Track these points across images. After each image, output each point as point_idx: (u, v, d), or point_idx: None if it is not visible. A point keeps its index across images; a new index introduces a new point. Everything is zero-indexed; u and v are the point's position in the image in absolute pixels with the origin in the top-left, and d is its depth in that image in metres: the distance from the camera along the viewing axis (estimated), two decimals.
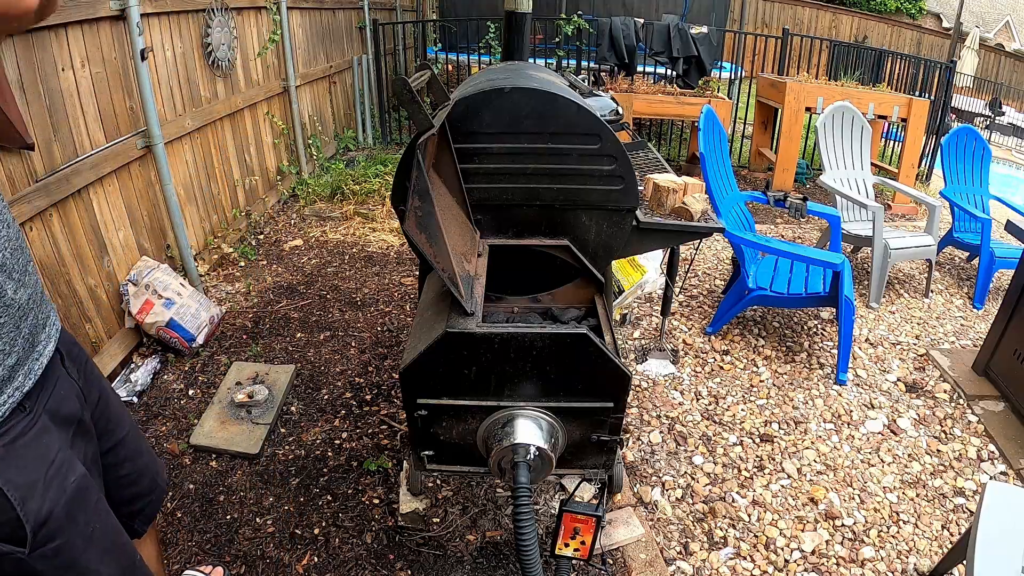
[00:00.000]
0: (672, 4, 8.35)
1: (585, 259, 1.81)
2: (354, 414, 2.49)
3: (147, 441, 1.33)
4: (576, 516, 1.46)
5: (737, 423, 2.55)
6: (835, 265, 2.78)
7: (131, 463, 1.21)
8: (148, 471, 1.27)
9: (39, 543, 0.89)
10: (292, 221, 4.41)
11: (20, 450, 0.88)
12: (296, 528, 1.98)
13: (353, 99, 6.29)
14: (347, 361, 2.82)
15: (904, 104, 5.20)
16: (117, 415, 1.19)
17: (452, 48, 7.23)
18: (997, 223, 3.72)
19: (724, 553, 1.98)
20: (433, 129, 1.38)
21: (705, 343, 3.09)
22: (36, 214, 2.15)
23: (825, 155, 4.00)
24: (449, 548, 1.90)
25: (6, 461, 0.86)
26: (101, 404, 1.14)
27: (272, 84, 4.37)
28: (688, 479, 2.26)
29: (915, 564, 1.98)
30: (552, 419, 1.54)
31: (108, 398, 1.17)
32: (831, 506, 2.17)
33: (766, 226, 4.79)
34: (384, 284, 3.55)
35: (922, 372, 2.99)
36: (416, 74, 1.85)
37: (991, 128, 11.07)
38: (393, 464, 2.22)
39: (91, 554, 0.98)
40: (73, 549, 0.95)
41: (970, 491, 2.28)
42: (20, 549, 0.87)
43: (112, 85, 2.59)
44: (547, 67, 3.36)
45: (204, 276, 3.33)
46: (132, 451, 1.22)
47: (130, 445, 1.21)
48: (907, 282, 3.96)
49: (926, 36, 14.02)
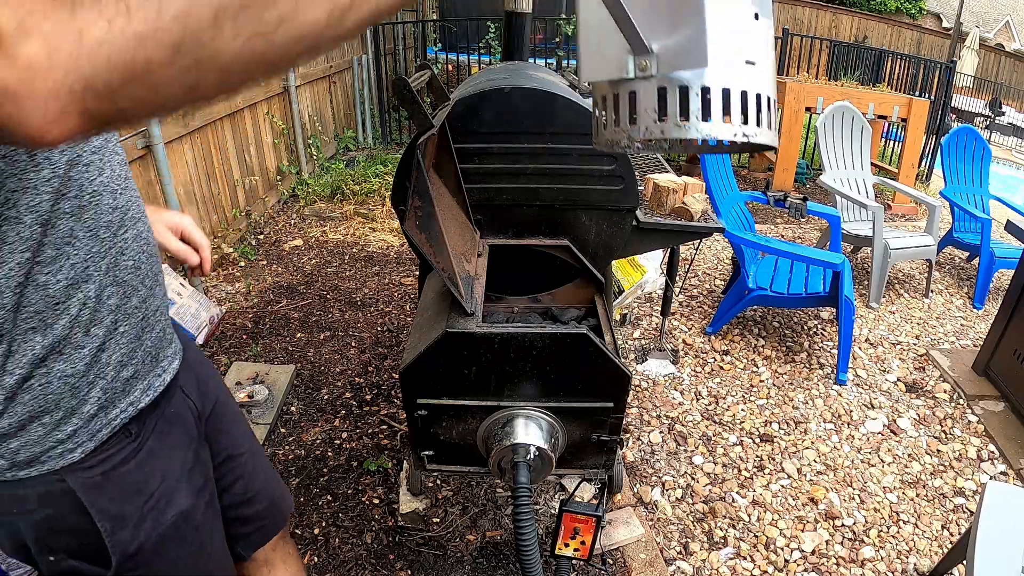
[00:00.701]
0: None
1: (585, 259, 1.81)
2: (354, 414, 2.48)
3: (269, 464, 1.24)
4: (576, 516, 1.46)
5: (737, 423, 2.55)
6: (835, 265, 2.78)
7: (243, 482, 1.12)
8: (265, 494, 1.16)
9: (122, 571, 0.84)
10: (292, 221, 4.41)
11: (118, 478, 0.82)
12: (296, 528, 1.98)
13: (353, 99, 6.29)
14: (347, 361, 2.82)
15: (904, 104, 5.20)
16: (232, 430, 1.11)
17: (452, 48, 7.23)
18: (997, 223, 3.72)
19: (724, 553, 1.98)
20: (433, 129, 1.38)
21: (705, 343, 3.09)
22: None
23: (825, 155, 4.00)
24: (449, 548, 1.90)
25: (102, 489, 0.80)
26: (214, 418, 1.06)
27: (272, 84, 4.37)
28: (688, 479, 2.26)
29: (915, 564, 1.98)
30: (552, 419, 1.54)
31: (222, 413, 1.09)
32: (831, 506, 2.17)
33: (766, 226, 4.79)
34: (384, 284, 3.55)
35: (922, 372, 2.99)
36: (416, 74, 1.85)
37: (991, 128, 11.07)
38: (393, 464, 2.22)
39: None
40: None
41: (970, 491, 2.28)
42: (103, 571, 0.83)
43: None
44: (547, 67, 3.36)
45: (204, 276, 3.33)
46: (247, 470, 1.12)
47: (246, 464, 1.12)
48: (907, 282, 3.96)
49: (926, 36, 14.02)
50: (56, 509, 0.78)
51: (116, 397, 0.80)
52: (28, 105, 0.37)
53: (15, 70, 0.36)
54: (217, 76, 0.40)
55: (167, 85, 0.39)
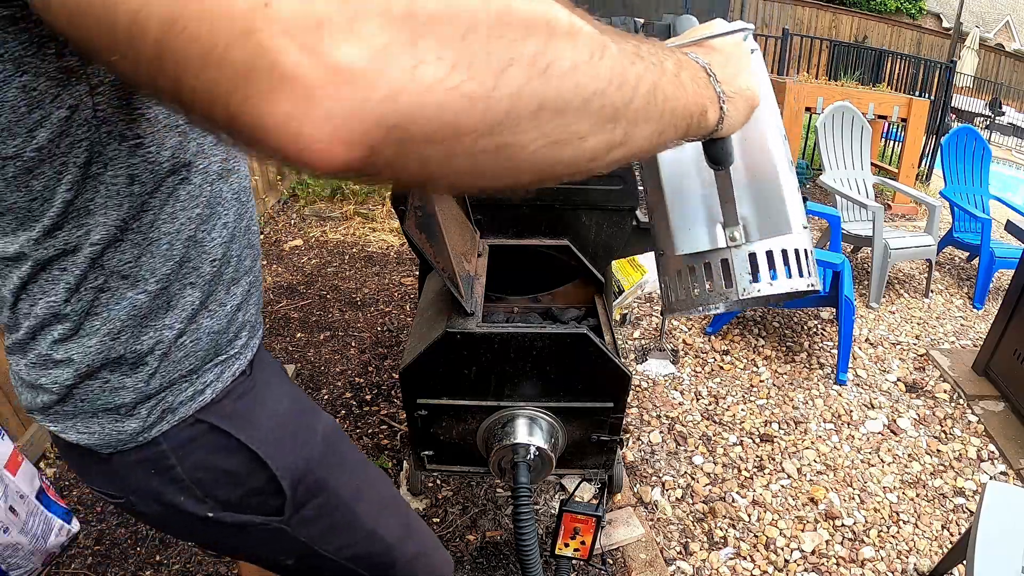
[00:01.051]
0: (672, 4, 8.35)
1: (585, 259, 1.81)
2: (354, 414, 2.49)
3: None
4: (576, 516, 1.46)
5: (737, 423, 2.55)
6: (835, 265, 2.78)
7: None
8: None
9: (299, 503, 0.80)
10: (292, 221, 4.41)
11: (253, 405, 0.79)
12: None
13: None
14: (347, 361, 2.82)
15: (904, 104, 5.20)
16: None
17: None
18: (997, 223, 3.72)
19: (724, 553, 1.98)
20: None
21: (705, 343, 3.09)
22: None
23: (825, 155, 4.00)
24: (449, 548, 1.90)
25: (243, 418, 0.77)
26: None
27: None
28: (688, 479, 2.26)
29: (915, 564, 1.98)
30: (552, 419, 1.53)
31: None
32: (831, 506, 2.17)
33: None
34: (384, 284, 3.55)
35: (922, 372, 2.99)
36: None
37: (991, 128, 11.08)
38: (393, 464, 2.22)
39: (363, 509, 0.89)
40: (340, 506, 0.85)
41: (970, 491, 2.28)
42: (276, 518, 0.79)
43: None
44: None
45: None
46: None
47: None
48: (907, 282, 3.96)
49: (926, 36, 14.03)
50: (211, 448, 0.76)
51: (245, 347, 0.81)
52: (319, 113, 0.30)
53: (321, 66, 0.29)
54: (503, 169, 0.38)
55: (459, 158, 0.36)
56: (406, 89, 0.31)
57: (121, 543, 1.91)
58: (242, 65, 0.29)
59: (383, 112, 0.31)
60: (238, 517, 0.78)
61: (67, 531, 1.85)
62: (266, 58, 0.29)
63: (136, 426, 0.70)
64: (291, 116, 0.30)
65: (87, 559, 1.85)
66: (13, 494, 1.69)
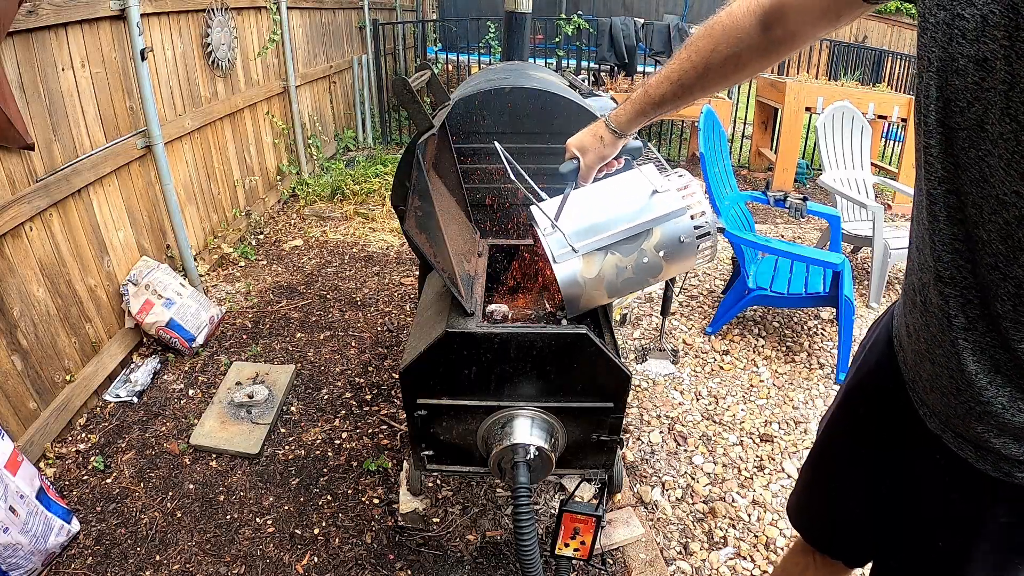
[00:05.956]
0: (672, 4, 8.34)
1: None
2: (354, 414, 2.49)
3: None
4: (576, 516, 1.46)
5: (737, 423, 2.55)
6: (835, 265, 2.78)
7: None
8: None
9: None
10: (292, 221, 4.41)
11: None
12: (296, 528, 1.98)
13: (353, 99, 6.29)
14: (347, 361, 2.82)
15: (904, 104, 5.20)
16: None
17: (452, 48, 7.23)
18: None
19: (724, 553, 1.98)
20: (433, 129, 1.38)
21: (705, 343, 3.09)
22: (36, 214, 2.14)
23: (825, 155, 4.00)
24: (449, 548, 1.90)
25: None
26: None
27: (272, 84, 4.37)
28: (688, 479, 2.26)
29: None
30: (552, 419, 1.53)
31: None
32: None
33: (766, 226, 4.79)
34: (384, 284, 3.55)
35: None
36: (416, 74, 1.85)
37: None
38: (393, 464, 2.22)
39: None
40: None
41: None
42: None
43: (112, 85, 2.59)
44: (547, 67, 3.36)
45: (204, 276, 3.33)
46: None
47: None
48: None
49: None
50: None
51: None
52: None
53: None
54: None
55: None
56: None
57: (121, 543, 1.91)
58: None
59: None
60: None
61: (67, 531, 1.85)
62: None
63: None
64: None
65: (87, 559, 1.85)
66: (13, 494, 1.69)
